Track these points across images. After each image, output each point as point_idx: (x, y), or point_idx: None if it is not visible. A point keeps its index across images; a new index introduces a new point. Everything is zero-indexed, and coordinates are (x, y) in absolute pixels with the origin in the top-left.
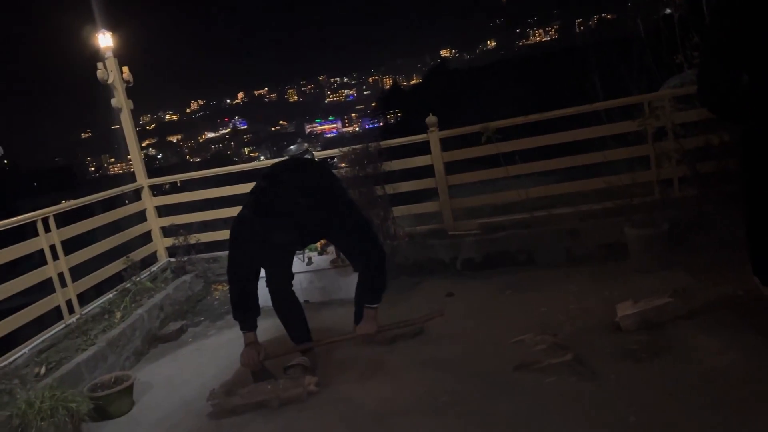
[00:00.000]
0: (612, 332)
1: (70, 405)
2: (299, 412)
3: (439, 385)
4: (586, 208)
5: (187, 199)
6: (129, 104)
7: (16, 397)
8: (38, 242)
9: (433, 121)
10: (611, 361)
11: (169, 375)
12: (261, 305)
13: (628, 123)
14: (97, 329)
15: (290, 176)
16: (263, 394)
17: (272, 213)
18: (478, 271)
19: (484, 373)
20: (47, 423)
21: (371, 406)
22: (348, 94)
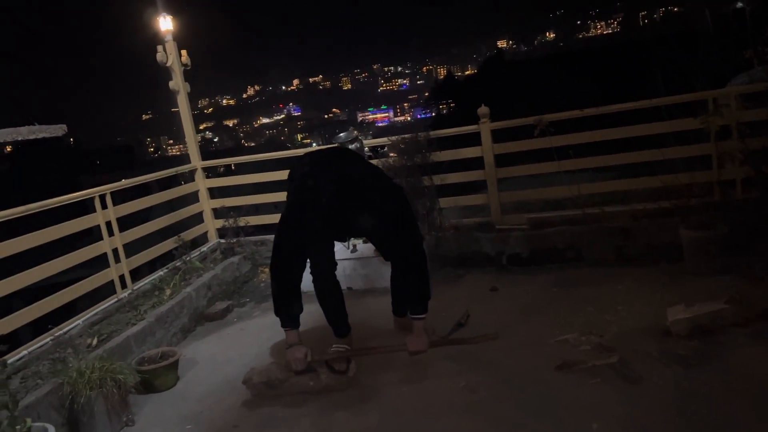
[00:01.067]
0: (661, 336)
1: (118, 376)
2: (337, 400)
3: (479, 381)
4: (640, 207)
5: (239, 182)
6: (186, 87)
7: (68, 366)
8: (95, 218)
9: (485, 111)
10: (659, 366)
11: (214, 353)
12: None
13: (690, 120)
14: (147, 305)
15: (326, 166)
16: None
17: (312, 203)
18: (524, 267)
19: (525, 371)
20: (96, 392)
21: (409, 398)
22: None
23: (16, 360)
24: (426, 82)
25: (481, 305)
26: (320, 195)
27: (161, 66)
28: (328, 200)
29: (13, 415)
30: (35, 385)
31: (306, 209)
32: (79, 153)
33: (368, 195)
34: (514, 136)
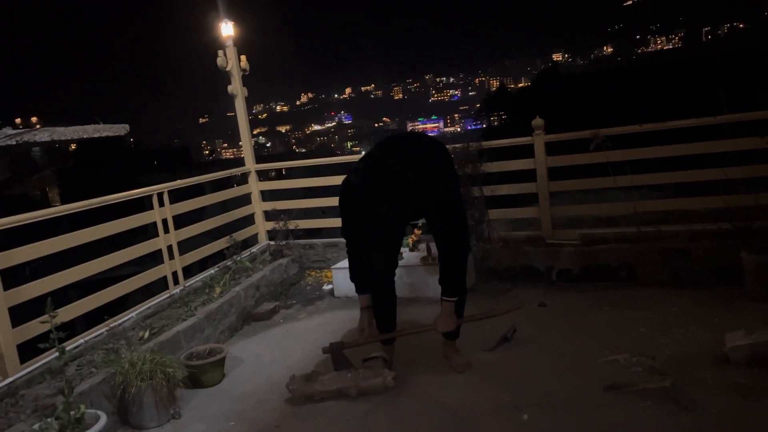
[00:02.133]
0: (718, 363)
1: (167, 370)
2: (377, 405)
3: (523, 397)
4: (699, 228)
5: (290, 186)
6: (244, 92)
7: (121, 357)
8: (152, 215)
9: (540, 123)
10: (714, 394)
11: (259, 353)
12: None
13: (756, 140)
14: (198, 302)
15: (403, 147)
16: (342, 381)
17: (374, 180)
18: (575, 284)
19: (572, 389)
20: (146, 384)
21: (450, 407)
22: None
23: (72, 348)
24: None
25: (528, 321)
26: (380, 172)
27: (221, 70)
28: (389, 177)
29: (68, 401)
30: (89, 373)
31: (361, 182)
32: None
33: (430, 173)
34: (568, 150)
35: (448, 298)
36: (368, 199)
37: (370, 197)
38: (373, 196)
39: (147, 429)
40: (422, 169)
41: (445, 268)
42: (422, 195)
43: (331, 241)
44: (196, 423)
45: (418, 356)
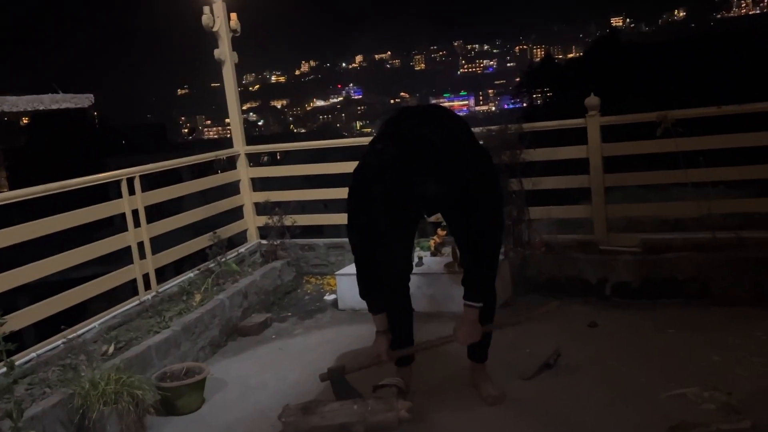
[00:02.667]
0: None
1: (135, 392)
2: None
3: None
4: None
5: (287, 174)
6: (233, 57)
7: (80, 375)
8: (120, 205)
9: (595, 102)
10: None
11: (246, 374)
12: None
13: None
14: (173, 311)
15: (417, 125)
16: (347, 415)
17: (389, 165)
18: (633, 300)
19: (629, 428)
20: (109, 408)
21: None
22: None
23: (23, 363)
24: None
25: (575, 344)
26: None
27: (206, 31)
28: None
29: (17, 426)
30: (42, 393)
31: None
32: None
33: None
34: (628, 136)
35: (472, 303)
36: (389, 182)
37: (392, 180)
38: (397, 177)
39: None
40: (457, 145)
41: (471, 266)
42: (460, 175)
43: (335, 242)
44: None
45: (440, 384)
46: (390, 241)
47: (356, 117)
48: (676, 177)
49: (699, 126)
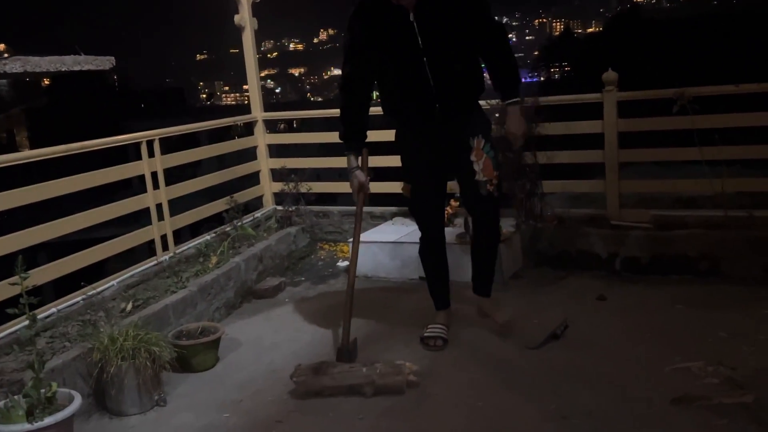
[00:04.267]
0: None
1: (152, 348)
2: (395, 404)
3: (573, 406)
4: None
5: (304, 141)
6: (254, 23)
7: (99, 330)
8: (139, 166)
9: (612, 77)
10: None
11: (260, 335)
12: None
13: None
14: (190, 272)
15: None
16: (356, 377)
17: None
18: (643, 275)
19: (632, 399)
20: (127, 363)
21: (483, 412)
22: None
23: (44, 317)
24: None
25: (583, 316)
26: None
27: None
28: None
29: (38, 377)
30: (63, 347)
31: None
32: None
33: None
34: (644, 113)
35: (512, 99)
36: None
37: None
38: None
39: (127, 416)
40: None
41: (498, 68)
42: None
43: (350, 210)
44: (183, 412)
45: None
46: (423, 213)
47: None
48: (690, 154)
49: (716, 104)
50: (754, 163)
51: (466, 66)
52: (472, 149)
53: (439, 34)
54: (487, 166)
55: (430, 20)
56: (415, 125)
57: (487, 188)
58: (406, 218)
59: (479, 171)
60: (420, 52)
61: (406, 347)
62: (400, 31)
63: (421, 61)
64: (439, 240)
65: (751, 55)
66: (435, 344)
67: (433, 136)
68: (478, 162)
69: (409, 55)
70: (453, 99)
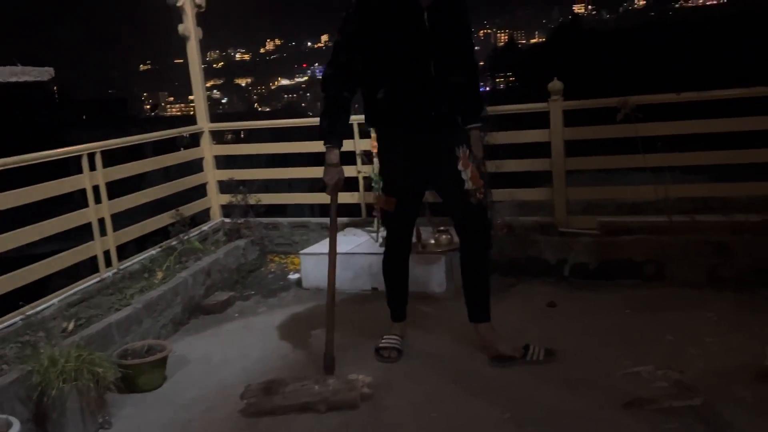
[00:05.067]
0: (758, 379)
1: (96, 369)
2: (350, 419)
3: (527, 413)
4: (742, 219)
5: (251, 152)
6: (198, 33)
7: (39, 352)
8: (81, 180)
9: (558, 87)
10: (752, 415)
11: (209, 352)
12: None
13: None
14: (135, 288)
15: None
16: (309, 395)
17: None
18: (591, 281)
19: (585, 405)
20: (70, 386)
21: (438, 423)
22: None
23: None
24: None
25: (534, 324)
26: None
27: (169, 6)
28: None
29: None
30: (0, 370)
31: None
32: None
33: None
34: (588, 121)
35: (475, 125)
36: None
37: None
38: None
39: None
40: None
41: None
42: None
43: (300, 221)
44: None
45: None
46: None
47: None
48: (635, 162)
49: (659, 112)
50: (692, 169)
51: (465, 78)
52: (459, 159)
53: (449, 38)
54: (474, 175)
55: (442, 20)
56: (404, 133)
57: (477, 197)
58: (357, 229)
59: (467, 180)
60: (428, 53)
61: (360, 359)
62: (410, 26)
63: (427, 63)
64: (407, 252)
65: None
66: (389, 356)
67: (421, 146)
68: (466, 171)
69: (416, 53)
70: (449, 108)
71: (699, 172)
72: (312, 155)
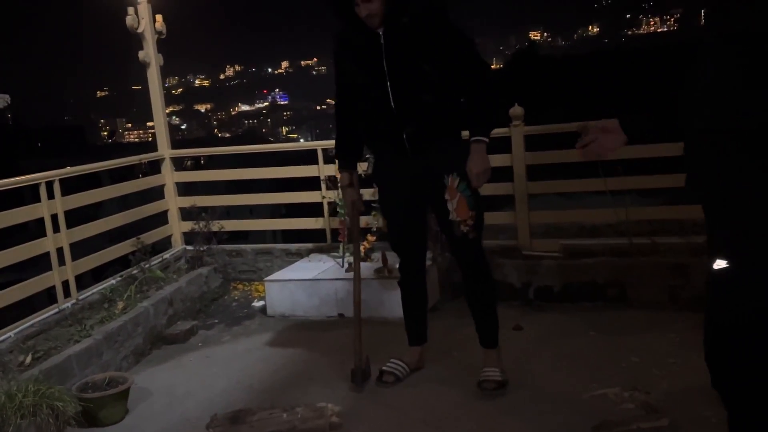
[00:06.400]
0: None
1: (55, 403)
2: None
3: None
4: (701, 241)
5: (216, 178)
6: (159, 59)
7: None
8: (39, 209)
9: (519, 112)
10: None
11: (172, 383)
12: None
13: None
14: (95, 319)
15: None
16: (278, 424)
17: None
18: (556, 303)
19: (553, 427)
20: (27, 422)
21: None
22: None
23: None
24: None
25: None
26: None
27: (130, 32)
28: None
29: None
30: None
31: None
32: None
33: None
34: (548, 146)
35: (478, 137)
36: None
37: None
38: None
39: None
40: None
41: (470, 104)
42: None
43: (264, 248)
44: None
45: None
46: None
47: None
48: (595, 185)
49: None
50: (648, 192)
51: (439, 98)
52: (446, 187)
53: (407, 59)
54: (462, 206)
55: (400, 44)
56: (386, 157)
57: (461, 229)
58: (322, 255)
59: (452, 210)
60: (384, 75)
61: (328, 387)
62: (368, 54)
63: (384, 86)
64: (417, 275)
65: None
66: (387, 380)
67: (405, 170)
68: (452, 201)
69: (373, 78)
70: (422, 131)
71: (660, 194)
72: (273, 181)
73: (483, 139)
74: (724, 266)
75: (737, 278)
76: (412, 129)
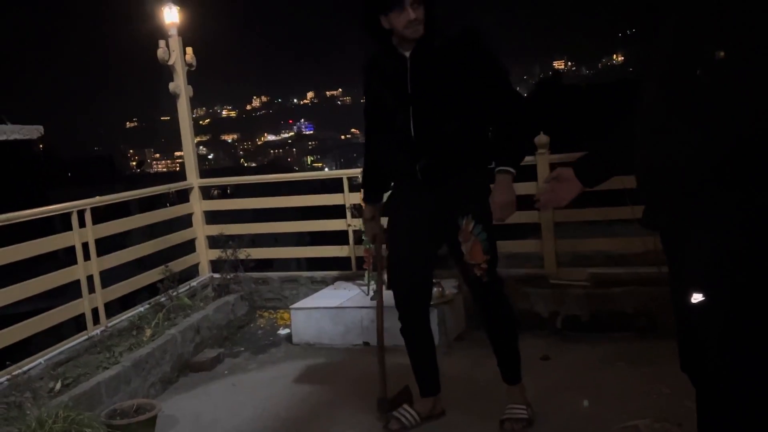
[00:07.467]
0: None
1: (84, 430)
2: None
3: None
4: None
5: (242, 207)
6: (189, 90)
7: (26, 413)
8: (70, 237)
9: (544, 141)
10: None
11: (199, 411)
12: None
13: None
14: (123, 346)
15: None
16: None
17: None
18: (584, 333)
19: None
20: None
21: None
22: None
23: None
24: None
25: (528, 377)
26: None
27: (162, 64)
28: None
29: None
30: None
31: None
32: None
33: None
34: None
35: (504, 168)
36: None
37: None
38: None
39: None
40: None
41: (499, 134)
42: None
43: (289, 275)
44: None
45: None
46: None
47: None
48: (623, 213)
49: None
50: None
51: (463, 126)
52: (460, 229)
53: (434, 83)
54: (476, 250)
55: (428, 67)
56: (400, 186)
57: (474, 272)
58: (347, 282)
59: (466, 253)
60: (407, 99)
61: (354, 417)
62: (395, 76)
63: (407, 111)
64: (416, 317)
65: None
66: (391, 427)
67: (418, 204)
68: (466, 244)
69: (397, 102)
70: (439, 161)
71: None
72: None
73: (510, 170)
74: (701, 299)
75: (715, 310)
76: (427, 162)
